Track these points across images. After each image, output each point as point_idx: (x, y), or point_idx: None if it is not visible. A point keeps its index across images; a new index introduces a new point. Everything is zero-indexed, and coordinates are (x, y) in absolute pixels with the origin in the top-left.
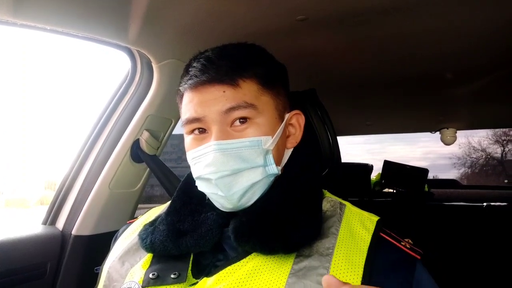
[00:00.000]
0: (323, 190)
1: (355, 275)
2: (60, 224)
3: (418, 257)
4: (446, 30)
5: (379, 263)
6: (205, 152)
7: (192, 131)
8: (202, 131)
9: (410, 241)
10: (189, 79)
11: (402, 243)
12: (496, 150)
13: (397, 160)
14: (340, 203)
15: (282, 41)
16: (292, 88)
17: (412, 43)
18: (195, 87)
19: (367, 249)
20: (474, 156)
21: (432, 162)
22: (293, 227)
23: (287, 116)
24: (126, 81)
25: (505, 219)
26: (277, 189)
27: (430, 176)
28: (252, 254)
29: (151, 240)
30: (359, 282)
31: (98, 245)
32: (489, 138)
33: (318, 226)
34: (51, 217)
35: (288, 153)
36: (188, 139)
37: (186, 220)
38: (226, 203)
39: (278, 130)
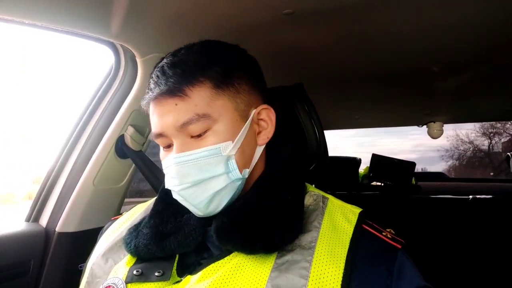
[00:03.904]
0: (307, 184)
1: (336, 267)
2: (43, 221)
3: (399, 246)
4: (431, 24)
5: (360, 254)
6: (167, 165)
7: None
8: (168, 146)
9: (392, 231)
10: (148, 91)
11: (383, 233)
12: (483, 143)
13: (387, 153)
14: (323, 197)
15: (269, 34)
16: (279, 83)
17: (398, 37)
18: (152, 100)
19: (349, 241)
20: (462, 149)
21: (422, 155)
22: (273, 228)
23: (253, 112)
24: (110, 76)
25: (489, 212)
26: (257, 188)
27: (419, 168)
28: (235, 252)
29: (135, 244)
30: (341, 274)
31: (82, 242)
32: (477, 131)
33: (299, 224)
34: (35, 214)
35: (259, 150)
36: (161, 151)
37: (169, 221)
38: (196, 211)
39: (241, 132)
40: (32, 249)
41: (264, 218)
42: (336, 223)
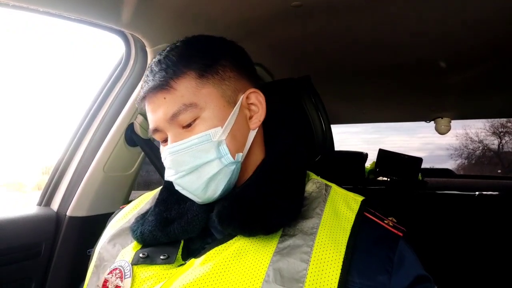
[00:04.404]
0: (309, 172)
1: (337, 252)
2: (55, 205)
3: (401, 234)
4: (439, 18)
5: (361, 240)
6: (164, 158)
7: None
8: (165, 140)
9: (393, 219)
10: (141, 90)
11: (385, 221)
12: (493, 142)
13: (395, 151)
14: (326, 185)
15: (277, 27)
16: (286, 75)
17: (406, 31)
18: (144, 98)
19: (350, 228)
20: (471, 147)
21: (430, 153)
22: (271, 210)
23: (241, 97)
24: (121, 65)
25: (495, 208)
26: (257, 175)
27: (427, 166)
28: (238, 236)
29: (141, 231)
30: (341, 259)
31: (92, 226)
32: (487, 130)
33: (298, 207)
34: (46, 198)
35: (252, 135)
36: (160, 146)
37: (173, 208)
38: (195, 198)
39: (229, 117)
40: (44, 232)
41: (262, 202)
42: (338, 210)
